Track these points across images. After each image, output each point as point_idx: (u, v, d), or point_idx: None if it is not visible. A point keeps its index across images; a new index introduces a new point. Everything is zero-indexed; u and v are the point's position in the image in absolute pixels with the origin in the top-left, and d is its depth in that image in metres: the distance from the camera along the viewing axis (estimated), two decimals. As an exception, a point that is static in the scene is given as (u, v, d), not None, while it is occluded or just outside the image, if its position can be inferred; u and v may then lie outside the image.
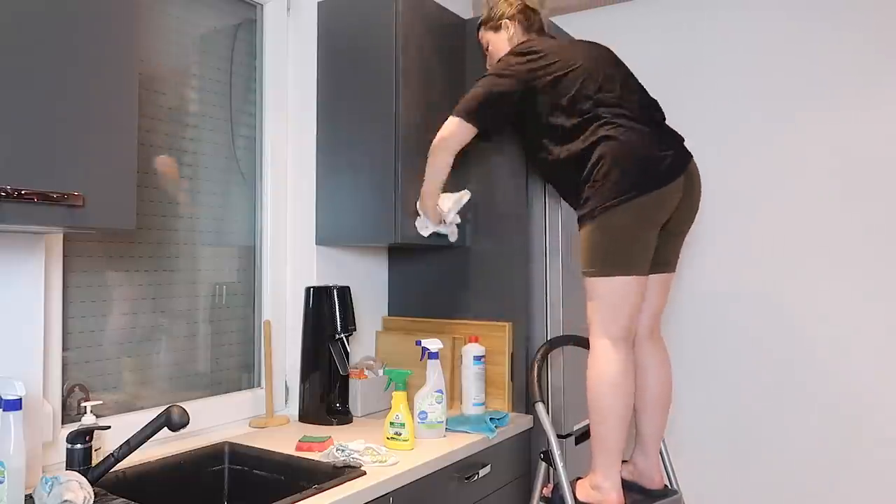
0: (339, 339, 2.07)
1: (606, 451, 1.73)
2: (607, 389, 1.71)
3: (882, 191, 2.37)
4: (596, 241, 1.73)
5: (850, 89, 2.42)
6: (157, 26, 1.87)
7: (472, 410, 2.12)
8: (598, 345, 1.75)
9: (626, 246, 1.72)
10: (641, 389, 1.88)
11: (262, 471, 1.72)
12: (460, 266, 2.34)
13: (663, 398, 1.90)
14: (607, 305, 1.73)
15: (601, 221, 1.72)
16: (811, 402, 2.46)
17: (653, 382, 1.88)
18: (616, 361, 1.72)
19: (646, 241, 1.74)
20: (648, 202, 1.70)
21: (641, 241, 1.73)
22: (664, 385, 1.89)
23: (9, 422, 1.19)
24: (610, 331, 1.73)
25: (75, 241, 1.65)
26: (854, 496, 2.39)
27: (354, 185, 2.14)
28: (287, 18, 2.22)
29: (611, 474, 1.73)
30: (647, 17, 2.80)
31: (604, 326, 1.74)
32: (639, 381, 1.89)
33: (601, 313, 1.74)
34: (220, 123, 2.05)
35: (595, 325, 1.76)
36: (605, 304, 1.73)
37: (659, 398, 1.89)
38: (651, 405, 1.89)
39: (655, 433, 1.90)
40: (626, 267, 1.72)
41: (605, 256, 1.72)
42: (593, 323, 1.76)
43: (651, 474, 1.90)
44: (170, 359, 1.90)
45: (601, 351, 1.74)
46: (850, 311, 2.41)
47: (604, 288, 1.73)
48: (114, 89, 1.25)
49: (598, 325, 1.75)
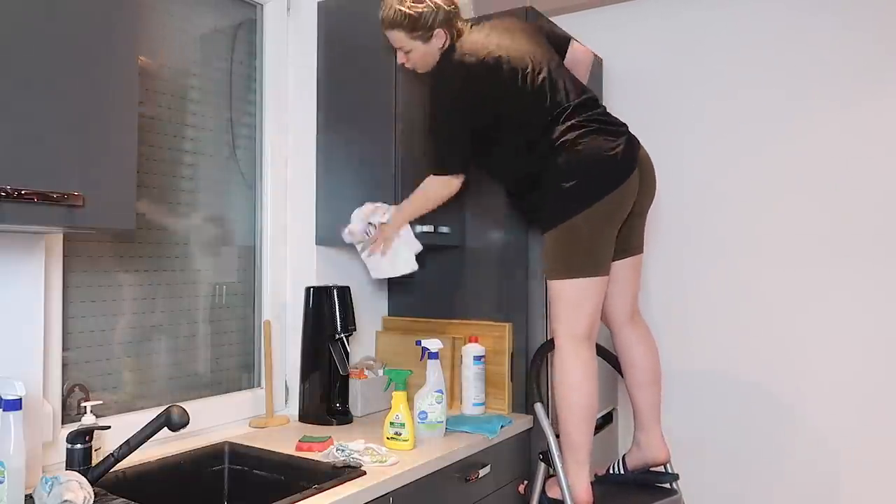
0: (339, 339, 2.08)
1: (574, 449, 1.76)
2: (573, 390, 1.76)
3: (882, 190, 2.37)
4: (561, 246, 1.77)
5: (851, 88, 2.42)
6: (158, 26, 1.87)
7: (472, 410, 2.12)
8: (563, 345, 1.79)
9: (590, 248, 1.76)
10: (632, 370, 1.95)
11: (262, 471, 1.72)
12: (460, 266, 2.34)
13: (652, 372, 1.94)
14: (572, 306, 1.77)
15: (564, 229, 1.76)
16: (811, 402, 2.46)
17: (642, 362, 1.94)
18: (580, 362, 1.76)
19: (609, 239, 1.78)
20: (610, 205, 1.74)
21: (605, 241, 1.77)
22: (650, 359, 1.94)
23: (9, 422, 1.19)
24: (574, 331, 1.77)
25: (75, 241, 1.65)
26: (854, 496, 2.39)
27: (354, 185, 2.14)
28: (287, 18, 2.22)
29: (580, 472, 1.76)
30: (648, 17, 2.80)
31: (568, 327, 1.78)
32: (628, 363, 1.96)
33: (566, 314, 1.78)
34: (220, 123, 2.05)
35: (560, 326, 1.79)
36: (570, 305, 1.77)
37: (647, 372, 1.94)
38: (640, 381, 1.94)
39: (651, 407, 1.94)
40: (593, 268, 1.76)
41: (570, 259, 1.76)
42: (559, 324, 1.79)
43: (655, 448, 1.94)
44: (170, 359, 1.90)
45: (566, 352, 1.78)
46: (849, 311, 2.41)
47: (569, 289, 1.77)
48: (114, 89, 1.25)
49: (563, 326, 1.79)
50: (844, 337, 2.42)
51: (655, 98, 2.77)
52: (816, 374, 2.46)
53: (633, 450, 1.99)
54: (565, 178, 1.74)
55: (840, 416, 2.42)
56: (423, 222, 2.12)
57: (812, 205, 2.48)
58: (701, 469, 2.63)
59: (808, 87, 2.49)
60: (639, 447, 1.97)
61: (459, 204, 2.31)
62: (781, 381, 2.52)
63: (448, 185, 1.92)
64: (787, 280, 2.51)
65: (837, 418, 2.42)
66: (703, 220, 2.67)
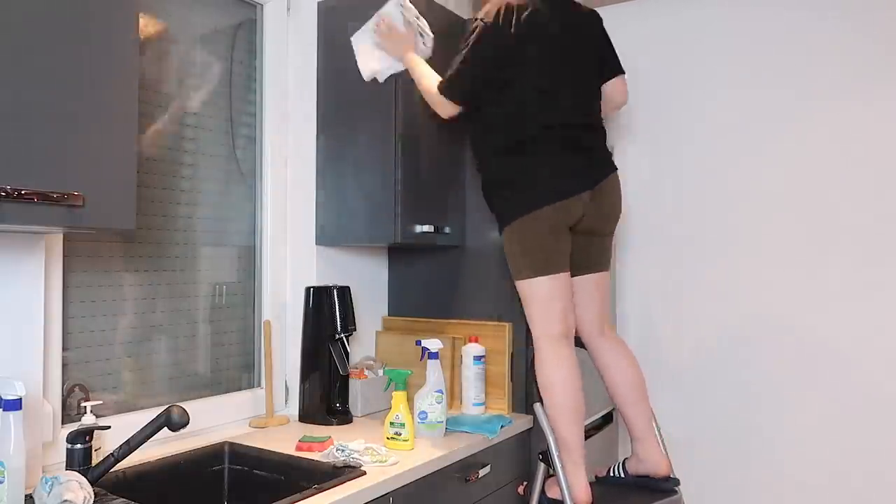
0: (339, 339, 2.08)
1: (567, 448, 1.77)
2: (557, 389, 1.77)
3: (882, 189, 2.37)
4: (512, 248, 1.85)
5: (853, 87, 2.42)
6: (158, 26, 1.87)
7: (472, 410, 2.12)
8: (540, 346, 1.82)
9: (537, 249, 1.81)
10: (612, 386, 1.96)
11: (262, 471, 1.72)
12: (460, 266, 2.34)
13: (637, 386, 1.95)
14: (539, 306, 1.82)
15: (509, 232, 1.84)
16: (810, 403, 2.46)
17: (619, 377, 1.95)
18: (560, 360, 1.79)
19: (555, 245, 1.82)
20: (544, 220, 1.80)
21: (551, 245, 1.81)
22: (633, 374, 1.95)
23: (9, 422, 1.19)
24: (548, 331, 1.81)
25: (75, 241, 1.65)
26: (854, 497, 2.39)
27: (354, 185, 2.14)
28: (287, 18, 2.22)
29: (576, 472, 1.76)
30: (648, 16, 2.80)
31: (542, 327, 1.82)
32: (608, 378, 1.97)
33: (537, 315, 1.83)
34: (220, 123, 2.05)
35: (534, 327, 1.84)
36: (537, 305, 1.82)
37: (631, 388, 1.94)
38: (626, 397, 1.94)
39: (643, 420, 1.94)
40: (546, 267, 1.81)
41: (523, 259, 1.83)
42: (533, 325, 1.85)
43: (654, 459, 1.93)
44: (170, 359, 1.90)
45: (545, 352, 1.81)
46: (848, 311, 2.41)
47: (531, 289, 1.82)
48: (114, 89, 1.25)
49: (537, 327, 1.84)
50: (845, 337, 2.41)
51: (657, 98, 2.77)
52: (815, 374, 2.46)
53: (633, 459, 1.98)
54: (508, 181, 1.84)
55: (840, 416, 2.42)
56: (423, 222, 2.12)
57: (810, 206, 2.48)
58: (701, 469, 2.63)
59: (811, 86, 2.49)
60: (638, 458, 1.96)
61: (459, 204, 2.32)
62: (781, 381, 2.52)
63: (440, 104, 1.93)
64: (786, 280, 2.51)
65: (838, 419, 2.42)
66: (701, 219, 2.67)
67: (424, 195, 2.15)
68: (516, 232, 1.83)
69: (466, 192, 2.34)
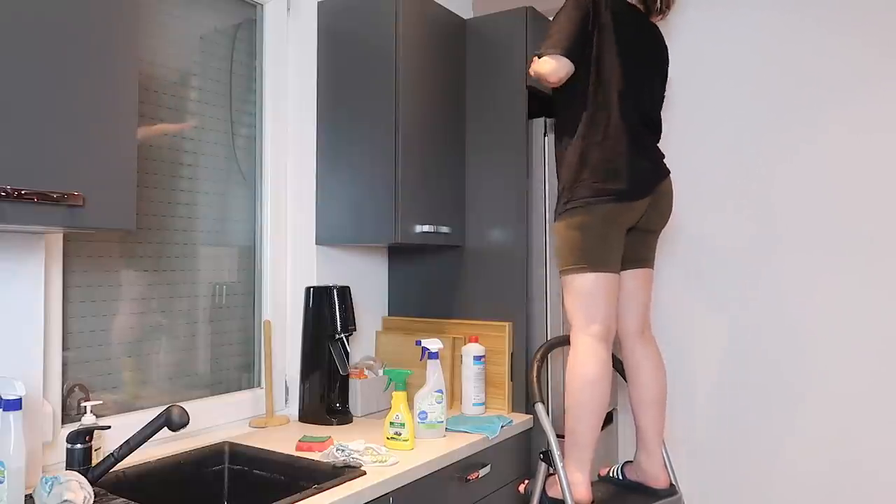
0: (339, 339, 2.08)
1: (579, 447, 1.77)
2: (586, 387, 1.75)
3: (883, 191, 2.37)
4: (565, 241, 1.81)
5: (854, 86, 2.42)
6: (158, 26, 1.87)
7: (472, 410, 2.12)
8: (578, 342, 1.80)
9: (594, 245, 1.78)
10: (638, 388, 1.93)
11: (262, 471, 1.72)
12: (460, 266, 2.34)
13: (660, 396, 1.93)
14: (584, 301, 1.79)
15: (566, 225, 1.80)
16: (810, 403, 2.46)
17: (649, 381, 1.92)
18: (596, 361, 1.76)
19: (612, 242, 1.80)
20: (610, 213, 1.78)
21: (608, 241, 1.79)
22: (659, 383, 1.93)
23: (9, 422, 1.19)
24: (590, 329, 1.78)
25: (75, 241, 1.65)
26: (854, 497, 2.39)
27: (354, 185, 2.14)
28: (287, 18, 2.22)
29: (582, 470, 1.76)
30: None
31: (582, 323, 1.79)
32: (634, 380, 1.94)
33: (579, 310, 1.80)
34: (220, 123, 2.05)
35: (576, 322, 1.81)
36: (582, 300, 1.79)
37: (656, 396, 1.92)
38: (649, 404, 1.92)
39: (656, 431, 1.92)
40: (599, 264, 1.78)
41: (575, 253, 1.79)
42: (574, 320, 1.81)
43: (656, 473, 1.92)
44: (170, 359, 1.90)
45: (582, 349, 1.78)
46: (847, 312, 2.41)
47: (578, 283, 1.79)
48: (114, 89, 1.25)
49: (579, 322, 1.80)
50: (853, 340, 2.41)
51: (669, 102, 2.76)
52: (822, 376, 2.46)
53: (634, 466, 1.98)
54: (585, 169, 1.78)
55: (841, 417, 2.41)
56: (423, 222, 2.12)
57: (822, 210, 2.47)
58: (701, 469, 2.63)
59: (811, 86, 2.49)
60: (639, 467, 1.95)
61: (459, 204, 2.32)
62: (785, 383, 2.52)
63: (545, 63, 1.77)
64: (792, 282, 2.51)
65: (840, 421, 2.42)
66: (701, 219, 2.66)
67: (424, 195, 2.15)
68: (579, 216, 1.78)
69: (466, 192, 2.34)
